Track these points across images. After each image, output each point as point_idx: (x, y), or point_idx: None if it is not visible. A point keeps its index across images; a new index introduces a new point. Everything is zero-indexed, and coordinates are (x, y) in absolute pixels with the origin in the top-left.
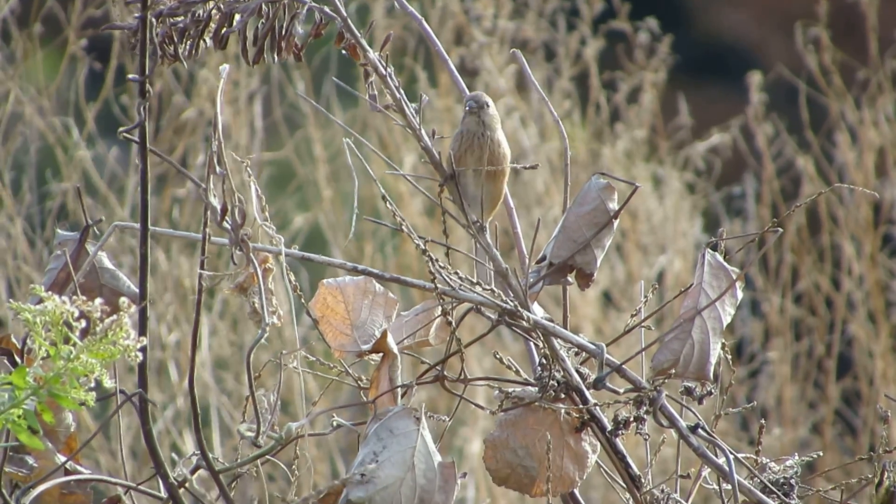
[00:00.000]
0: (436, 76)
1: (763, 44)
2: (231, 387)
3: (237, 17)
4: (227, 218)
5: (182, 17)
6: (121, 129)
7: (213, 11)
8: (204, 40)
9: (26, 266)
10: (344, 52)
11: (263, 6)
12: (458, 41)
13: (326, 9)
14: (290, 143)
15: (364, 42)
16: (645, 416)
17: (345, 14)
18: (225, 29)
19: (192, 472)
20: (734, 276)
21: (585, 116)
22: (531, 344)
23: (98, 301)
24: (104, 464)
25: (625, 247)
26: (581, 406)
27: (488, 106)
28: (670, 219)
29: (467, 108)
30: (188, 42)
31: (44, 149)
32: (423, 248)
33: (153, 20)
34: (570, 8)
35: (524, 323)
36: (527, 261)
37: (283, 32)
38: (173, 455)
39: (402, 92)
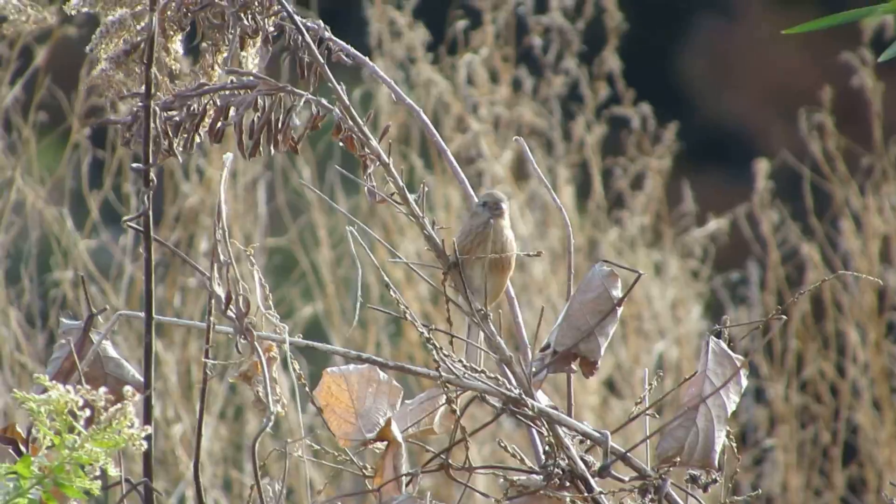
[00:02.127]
0: (433, 163)
1: (765, 130)
2: (233, 477)
3: (233, 110)
4: (231, 306)
5: (177, 111)
6: (125, 217)
7: (209, 105)
8: (199, 134)
9: (23, 356)
10: (341, 144)
11: (259, 99)
12: (459, 128)
13: (324, 101)
14: (294, 230)
15: (366, 130)
16: None
17: (347, 102)
18: (220, 123)
19: None
20: (738, 364)
21: (585, 204)
22: (535, 432)
23: (102, 390)
24: None
25: (623, 333)
26: (586, 494)
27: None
28: (667, 306)
29: (495, 211)
30: (184, 136)
31: (44, 238)
32: (427, 335)
33: (156, 109)
34: (568, 94)
35: (528, 411)
36: (529, 349)
37: (280, 125)
38: None
39: (402, 181)
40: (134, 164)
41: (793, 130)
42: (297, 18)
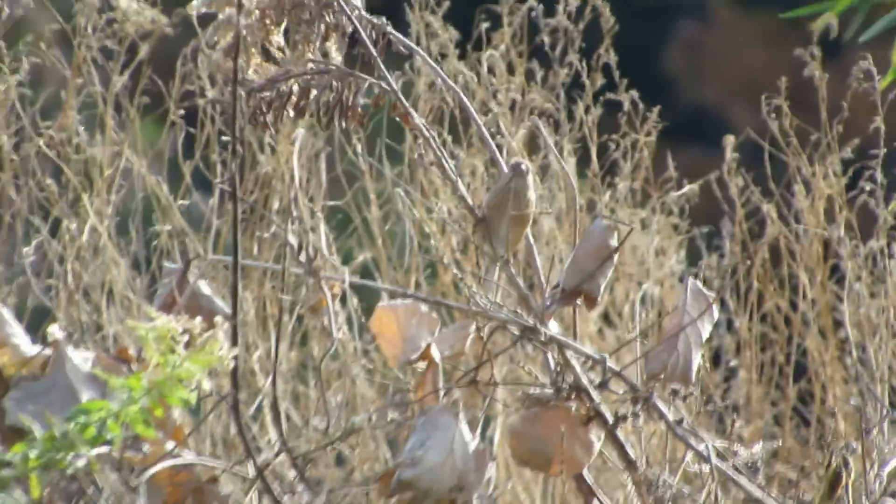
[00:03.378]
0: (461, 139)
1: (733, 112)
2: (300, 391)
3: (313, 91)
4: (302, 253)
5: (269, 92)
6: (216, 180)
7: (294, 87)
8: (287, 110)
9: (131, 294)
10: (397, 119)
11: (333, 82)
12: (482, 111)
13: (383, 83)
14: (350, 193)
15: (412, 111)
16: (639, 412)
17: (396, 88)
18: (302, 101)
19: (275, 456)
20: (711, 300)
21: (585, 172)
22: (547, 354)
23: (198, 319)
24: (195, 451)
25: (617, 276)
26: (588, 404)
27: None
28: (652, 253)
29: (520, 174)
30: (274, 112)
31: (147, 198)
32: (460, 276)
33: (243, 93)
34: (571, 83)
35: (542, 338)
36: (545, 287)
37: (350, 104)
38: (257, 444)
39: (443, 151)
40: (223, 137)
41: (755, 113)
42: (366, 16)
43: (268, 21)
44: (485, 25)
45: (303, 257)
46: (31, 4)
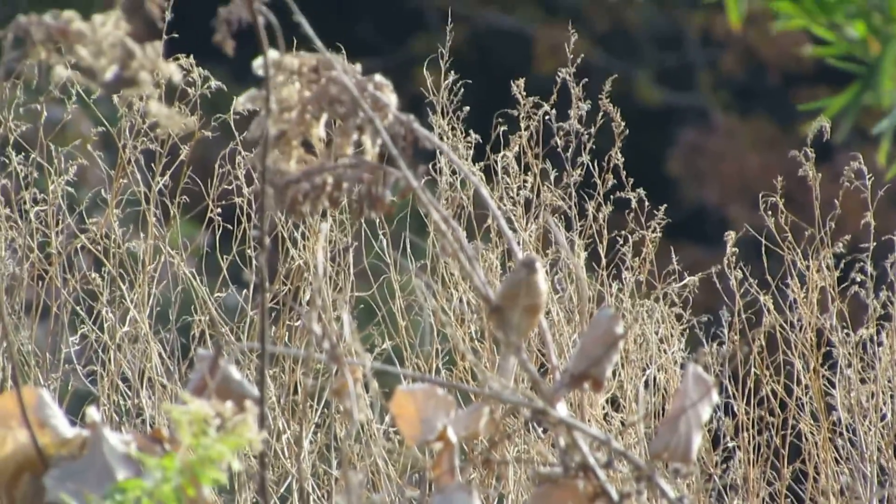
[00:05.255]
0: (476, 235)
1: (733, 210)
2: (323, 470)
3: (345, 184)
4: (326, 340)
5: (305, 184)
6: (246, 273)
7: (328, 179)
8: (321, 201)
9: (164, 380)
10: (421, 213)
11: (364, 175)
12: (499, 207)
13: (410, 176)
14: (375, 285)
15: (434, 202)
16: (643, 490)
17: (420, 184)
18: (336, 193)
19: None
20: (711, 384)
21: (595, 265)
22: (557, 435)
23: (229, 403)
24: None
25: (622, 361)
26: (595, 482)
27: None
28: (656, 341)
29: (528, 269)
30: (309, 203)
31: (186, 290)
32: (475, 361)
33: (280, 185)
34: (583, 182)
35: (551, 419)
36: (556, 371)
37: (378, 195)
38: None
39: (462, 242)
40: (253, 232)
41: (753, 210)
42: (395, 113)
43: (307, 115)
44: (502, 129)
45: (326, 344)
46: (69, 112)
